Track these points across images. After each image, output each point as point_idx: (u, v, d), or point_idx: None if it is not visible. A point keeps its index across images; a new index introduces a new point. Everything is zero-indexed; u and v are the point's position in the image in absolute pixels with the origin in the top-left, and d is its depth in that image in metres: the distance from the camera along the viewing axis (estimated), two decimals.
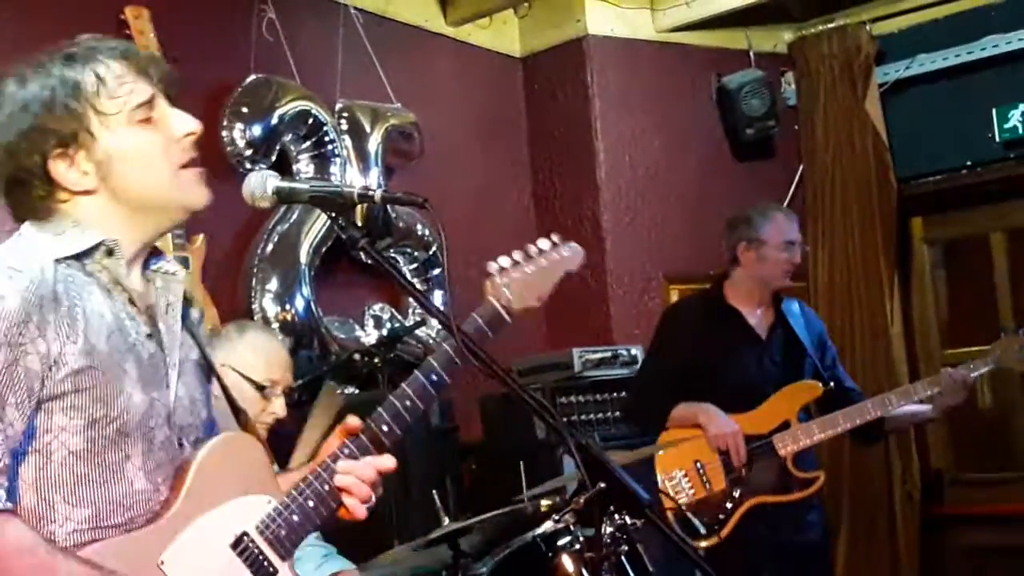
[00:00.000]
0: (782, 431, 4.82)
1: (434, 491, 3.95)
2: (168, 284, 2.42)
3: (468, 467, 5.91)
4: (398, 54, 6.25)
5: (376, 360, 5.09)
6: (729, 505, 4.74)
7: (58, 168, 2.25)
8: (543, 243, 2.69)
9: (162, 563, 2.24)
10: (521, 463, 5.03)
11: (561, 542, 3.83)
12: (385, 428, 2.44)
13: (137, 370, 2.26)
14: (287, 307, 5.38)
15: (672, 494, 4.71)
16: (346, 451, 2.42)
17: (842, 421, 4.83)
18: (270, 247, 5.42)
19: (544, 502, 4.05)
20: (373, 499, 2.44)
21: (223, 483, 2.34)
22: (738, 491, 4.75)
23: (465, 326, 2.51)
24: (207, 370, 2.49)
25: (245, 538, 2.33)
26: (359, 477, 2.40)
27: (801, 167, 7.19)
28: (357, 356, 5.23)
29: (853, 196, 6.91)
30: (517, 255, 2.64)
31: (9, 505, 2.12)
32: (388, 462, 2.44)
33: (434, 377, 2.48)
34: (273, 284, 5.37)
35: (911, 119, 6.99)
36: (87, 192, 2.28)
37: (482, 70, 6.88)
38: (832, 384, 4.94)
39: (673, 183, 6.91)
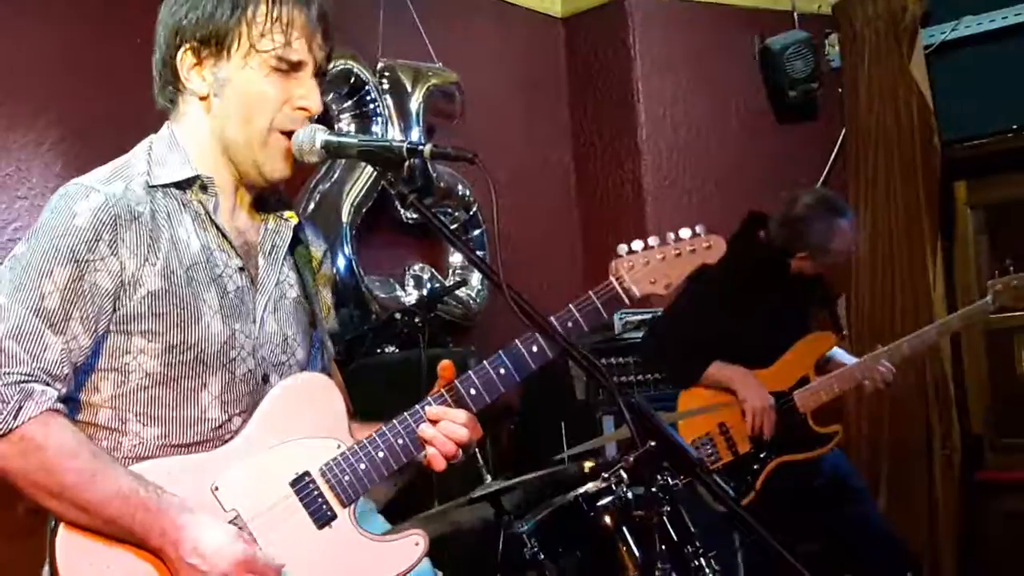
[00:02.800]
0: (802, 387, 4.81)
1: (476, 451, 3.95)
2: (279, 228, 2.46)
3: (507, 427, 5.92)
4: (440, 14, 6.22)
5: (416, 320, 5.09)
6: (756, 466, 4.76)
7: (186, 58, 2.33)
8: (684, 231, 2.60)
9: (216, 488, 2.27)
10: (562, 424, 5.04)
11: (602, 501, 3.83)
12: (473, 392, 2.43)
13: (219, 300, 2.30)
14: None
15: None
16: (428, 407, 2.42)
17: (858, 372, 4.88)
18: (312, 205, 5.42)
19: (587, 463, 4.06)
20: (459, 456, 2.45)
21: (294, 421, 2.35)
22: (763, 452, 4.76)
23: (580, 303, 2.48)
24: (310, 315, 2.50)
25: (306, 478, 2.34)
26: (446, 433, 2.40)
27: (844, 130, 7.13)
28: (397, 316, 5.24)
29: (896, 159, 6.85)
30: (652, 240, 2.57)
31: (59, 406, 2.16)
32: (475, 430, 2.43)
33: (535, 349, 2.44)
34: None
35: (956, 82, 6.91)
36: (195, 97, 2.36)
37: (524, 30, 6.84)
38: (846, 334, 4.98)
39: (714, 145, 6.87)
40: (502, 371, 2.44)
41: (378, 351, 5.53)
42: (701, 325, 4.89)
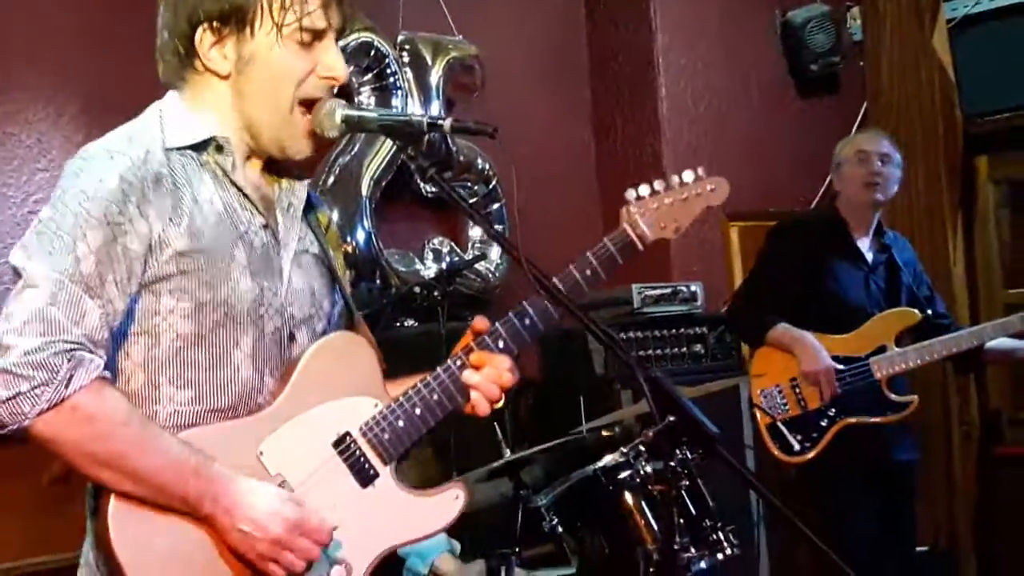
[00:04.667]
0: (878, 354, 4.83)
1: (495, 423, 3.97)
2: (293, 186, 2.45)
3: (526, 401, 5.93)
4: None
5: (436, 293, 5.10)
6: (824, 423, 4.77)
7: (205, 37, 2.29)
8: (687, 174, 2.62)
9: (261, 453, 2.27)
10: (580, 398, 5.05)
11: (622, 475, 3.85)
12: (501, 344, 2.44)
13: (247, 256, 2.29)
14: (348, 239, 5.39)
15: (767, 409, 4.77)
16: (457, 362, 2.43)
17: (939, 349, 4.86)
18: (331, 179, 5.43)
19: (605, 433, 4.07)
20: (500, 402, 2.46)
21: (331, 381, 2.35)
22: (833, 410, 4.77)
23: (596, 250, 2.51)
24: (331, 269, 2.50)
25: (348, 438, 2.35)
26: (491, 379, 2.41)
27: (866, 104, 7.10)
28: (417, 289, 5.26)
29: (918, 134, 6.83)
30: (658, 184, 2.59)
31: (106, 374, 2.15)
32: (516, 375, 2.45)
33: (588, 273, 2.49)
34: (334, 216, 5.37)
35: (979, 56, 6.87)
36: (218, 77, 2.32)
37: (544, 3, 6.82)
38: (929, 312, 4.97)
39: (736, 119, 6.85)
40: (527, 321, 2.45)
41: (397, 324, 5.55)
42: (773, 286, 4.95)
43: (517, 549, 3.89)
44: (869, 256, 5.01)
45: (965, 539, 6.72)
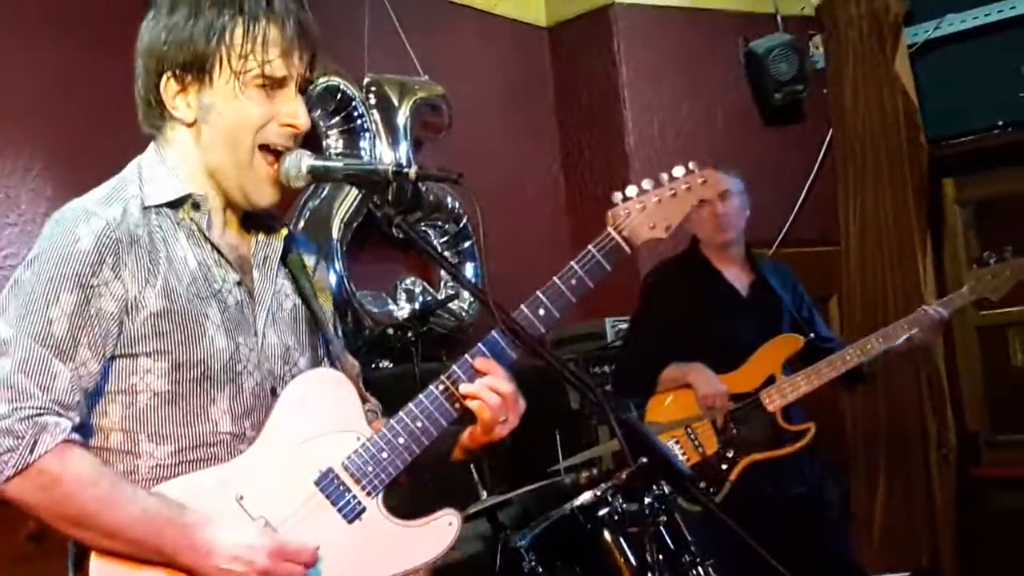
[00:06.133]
0: (768, 386, 4.81)
1: (471, 465, 3.96)
2: (269, 240, 2.45)
3: None
4: (425, 27, 6.24)
5: (409, 334, 5.10)
6: (724, 466, 4.73)
7: (170, 86, 2.31)
8: (677, 170, 2.59)
9: (241, 498, 2.26)
10: (557, 433, 5.04)
11: (600, 513, 3.84)
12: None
13: (221, 315, 2.29)
14: None
15: None
16: (440, 387, 2.42)
17: (826, 370, 4.82)
18: (302, 223, 5.43)
19: (583, 474, 4.06)
20: (507, 423, 2.46)
21: (310, 420, 2.34)
22: (731, 451, 4.74)
23: (582, 259, 2.47)
24: (310, 319, 2.49)
25: (330, 474, 2.33)
26: (491, 387, 2.42)
27: (831, 130, 7.15)
28: (391, 330, 5.25)
29: (884, 158, 6.87)
30: (647, 183, 2.55)
31: (74, 436, 2.16)
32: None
33: (541, 312, 2.49)
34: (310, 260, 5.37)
35: (941, 80, 6.93)
36: (182, 124, 2.34)
37: (508, 40, 6.86)
38: (812, 335, 4.95)
39: (703, 149, 6.87)
40: (541, 312, 2.47)
41: (372, 366, 5.54)
42: (653, 338, 4.91)
43: None
44: (742, 288, 5.00)
45: (946, 561, 6.73)
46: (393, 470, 2.36)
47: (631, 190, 2.51)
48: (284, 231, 2.49)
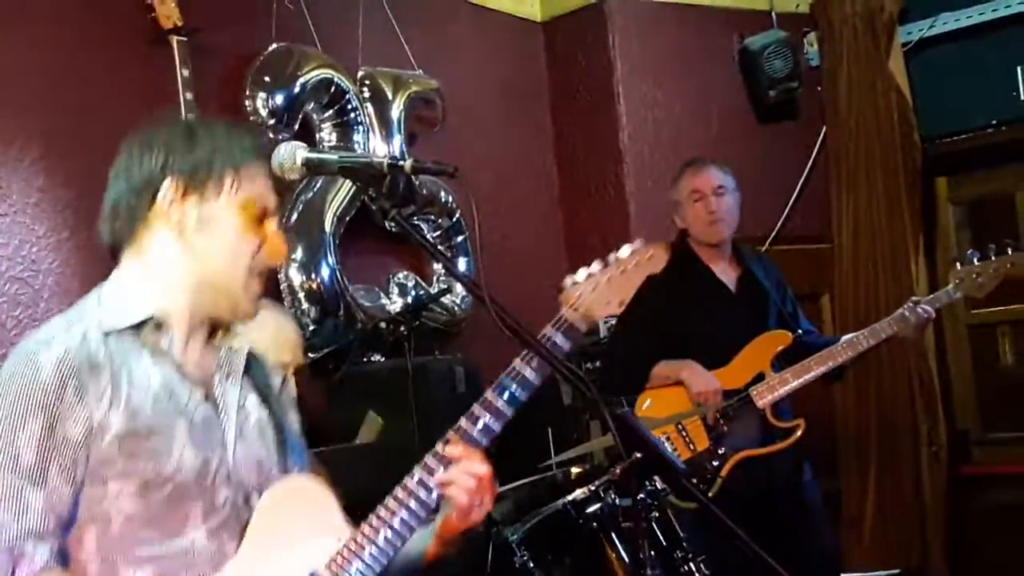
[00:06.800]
0: (757, 383, 4.82)
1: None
2: (231, 357, 2.45)
3: None
4: (419, 21, 6.22)
5: (402, 328, 5.09)
6: (715, 463, 4.73)
7: (171, 191, 2.31)
8: (624, 249, 2.60)
9: None
10: (549, 429, 5.03)
11: (591, 509, 3.84)
12: (481, 425, 2.45)
13: (188, 431, 2.27)
14: (312, 276, 5.38)
15: None
16: (416, 477, 2.40)
17: (815, 366, 4.84)
18: (295, 216, 5.42)
19: (575, 469, 4.06)
20: (483, 506, 2.45)
21: (287, 528, 2.34)
22: (722, 448, 4.74)
23: (540, 339, 2.47)
24: (279, 430, 2.49)
25: None
26: (467, 471, 2.40)
27: (824, 128, 7.14)
28: (383, 324, 5.24)
29: (877, 157, 6.87)
30: (595, 265, 2.57)
31: (53, 564, 2.15)
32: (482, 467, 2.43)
33: (534, 367, 2.47)
34: (298, 253, 5.37)
35: (935, 78, 6.94)
36: (167, 231, 2.33)
37: (503, 35, 6.85)
38: (800, 331, 4.96)
39: (696, 146, 6.85)
40: (506, 395, 2.47)
41: (364, 360, 5.53)
42: (641, 334, 4.89)
43: None
44: (730, 283, 5.01)
45: (937, 559, 6.74)
46: (378, 567, 2.34)
47: (581, 274, 2.55)
48: (246, 348, 2.49)
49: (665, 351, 4.83)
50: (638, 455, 2.17)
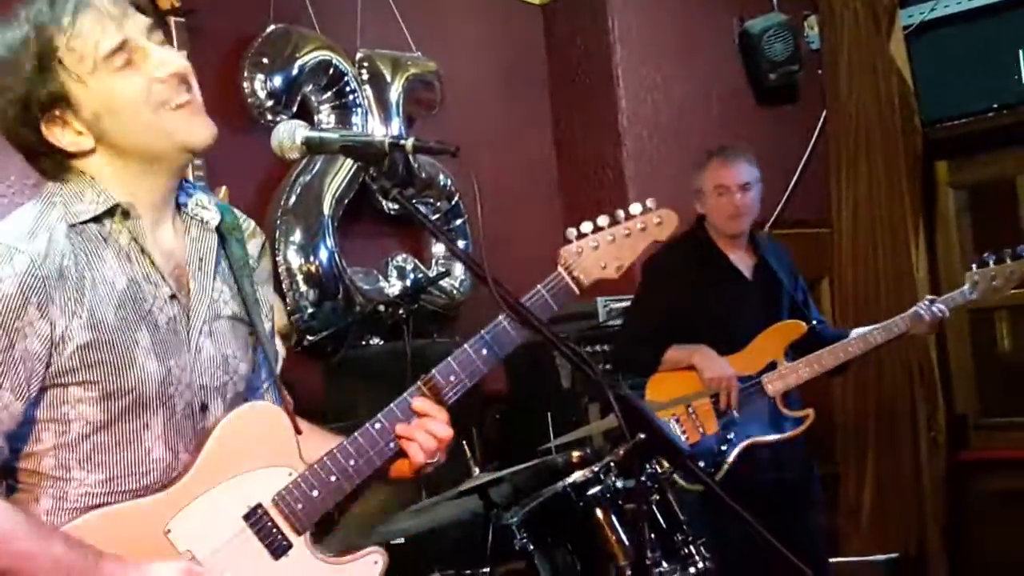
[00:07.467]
0: (769, 371, 4.81)
1: (463, 442, 3.94)
2: (202, 234, 2.39)
3: (493, 416, 5.91)
4: (418, 2, 6.19)
5: (400, 311, 5.07)
6: (724, 447, 4.72)
7: (53, 134, 2.22)
8: (635, 207, 2.56)
9: (168, 531, 2.23)
10: (548, 413, 5.02)
11: (592, 491, 3.83)
12: (452, 378, 2.42)
13: (151, 338, 2.23)
14: (311, 258, 5.36)
15: None
16: (376, 425, 2.39)
17: (827, 358, 4.84)
18: (293, 198, 5.39)
19: (575, 453, 4.04)
20: (436, 463, 2.43)
21: (242, 454, 2.32)
22: (731, 433, 4.73)
23: (530, 298, 2.45)
24: (248, 323, 2.44)
25: (259, 510, 2.31)
26: (429, 431, 2.38)
27: (824, 112, 7.13)
28: (381, 307, 5.23)
29: (877, 140, 6.86)
30: (602, 219, 2.52)
31: None
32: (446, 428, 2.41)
33: (495, 348, 2.44)
34: (297, 235, 5.35)
35: (936, 62, 6.92)
36: (89, 152, 2.24)
37: (502, 17, 6.82)
38: (815, 322, 4.98)
39: (696, 129, 6.86)
40: (484, 352, 2.44)
41: (363, 343, 5.52)
42: (655, 317, 4.90)
43: (488, 568, 3.87)
44: (746, 271, 5.00)
45: (935, 544, 6.74)
46: (323, 508, 2.34)
47: (586, 226, 2.49)
48: (215, 217, 2.41)
49: (678, 335, 4.82)
50: (642, 436, 2.15)
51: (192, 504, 2.26)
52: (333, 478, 2.34)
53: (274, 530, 2.31)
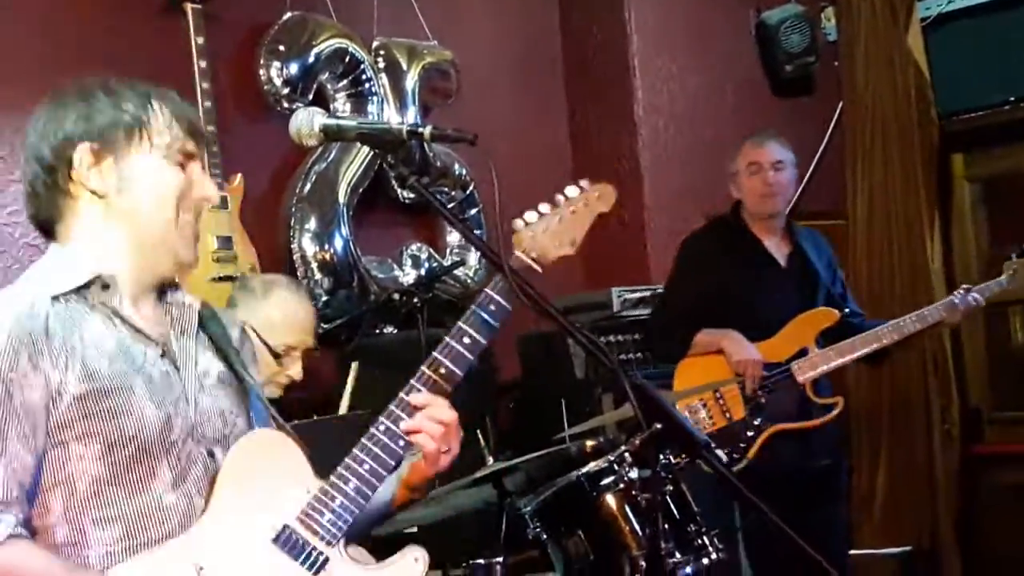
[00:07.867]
0: (800, 358, 4.80)
1: (477, 431, 3.95)
2: (183, 312, 2.44)
3: (506, 406, 5.91)
4: None
5: (415, 300, 5.08)
6: (750, 433, 4.71)
7: (85, 157, 2.28)
8: (571, 190, 2.63)
9: (201, 569, 2.23)
10: (562, 402, 5.02)
11: (605, 481, 3.82)
12: (444, 371, 2.41)
13: (147, 387, 2.25)
14: (326, 247, 5.37)
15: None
16: (381, 427, 2.39)
17: (860, 346, 4.83)
18: (308, 186, 5.40)
19: (589, 442, 4.04)
20: (450, 452, 2.46)
21: (255, 482, 2.32)
22: (758, 419, 4.72)
23: (495, 285, 2.46)
24: (238, 386, 2.47)
25: (287, 530, 2.31)
26: (433, 418, 2.40)
27: (841, 104, 7.11)
28: (396, 296, 5.23)
29: (894, 133, 6.84)
30: (544, 207, 2.60)
31: (19, 531, 2.12)
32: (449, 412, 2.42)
33: (492, 308, 2.43)
34: (312, 223, 5.36)
35: (953, 54, 6.89)
36: (97, 196, 2.30)
37: (519, 7, 6.81)
38: (847, 311, 4.95)
39: (711, 120, 6.84)
40: (467, 340, 2.43)
41: (377, 332, 5.52)
42: (688, 300, 4.91)
43: (502, 556, 3.87)
44: (780, 258, 4.99)
45: (948, 538, 6.73)
46: (350, 516, 2.33)
47: (530, 216, 2.57)
48: (196, 304, 2.47)
49: (709, 319, 4.82)
50: (658, 426, 2.15)
51: (217, 539, 2.26)
52: (351, 485, 2.34)
53: (306, 547, 2.30)
